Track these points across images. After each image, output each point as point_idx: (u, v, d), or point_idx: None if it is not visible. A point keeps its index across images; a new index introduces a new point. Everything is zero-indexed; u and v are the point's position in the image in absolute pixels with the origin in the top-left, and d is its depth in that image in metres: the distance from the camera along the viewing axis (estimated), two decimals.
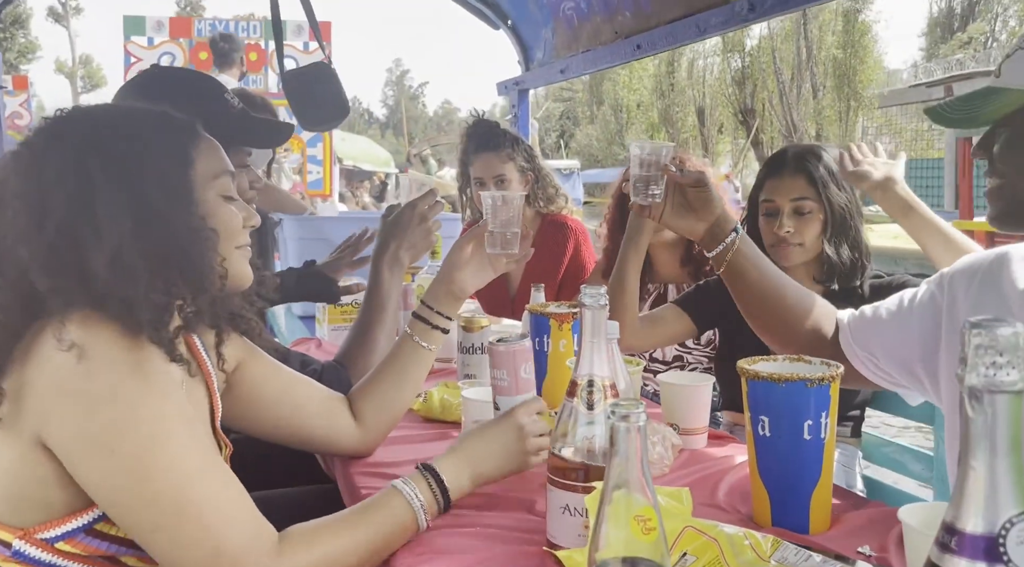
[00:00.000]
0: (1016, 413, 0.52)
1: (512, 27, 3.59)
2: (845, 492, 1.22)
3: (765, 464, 1.07)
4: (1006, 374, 0.52)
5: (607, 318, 0.99)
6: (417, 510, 1.02)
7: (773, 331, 1.34)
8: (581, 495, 0.94)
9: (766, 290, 1.30)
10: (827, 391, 1.04)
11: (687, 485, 1.21)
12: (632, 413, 0.68)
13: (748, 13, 2.20)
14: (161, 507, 0.87)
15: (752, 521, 1.10)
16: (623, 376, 1.29)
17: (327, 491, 1.42)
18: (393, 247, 1.64)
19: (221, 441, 1.14)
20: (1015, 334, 0.52)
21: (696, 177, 1.29)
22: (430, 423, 1.57)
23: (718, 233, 1.29)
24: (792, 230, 1.78)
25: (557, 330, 1.55)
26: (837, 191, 1.78)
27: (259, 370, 1.23)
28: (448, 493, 1.07)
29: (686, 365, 2.19)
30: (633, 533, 0.65)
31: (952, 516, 0.54)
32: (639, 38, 2.73)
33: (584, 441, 0.97)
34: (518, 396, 1.25)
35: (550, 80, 3.54)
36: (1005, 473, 0.53)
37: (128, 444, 0.86)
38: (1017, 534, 0.52)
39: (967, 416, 0.54)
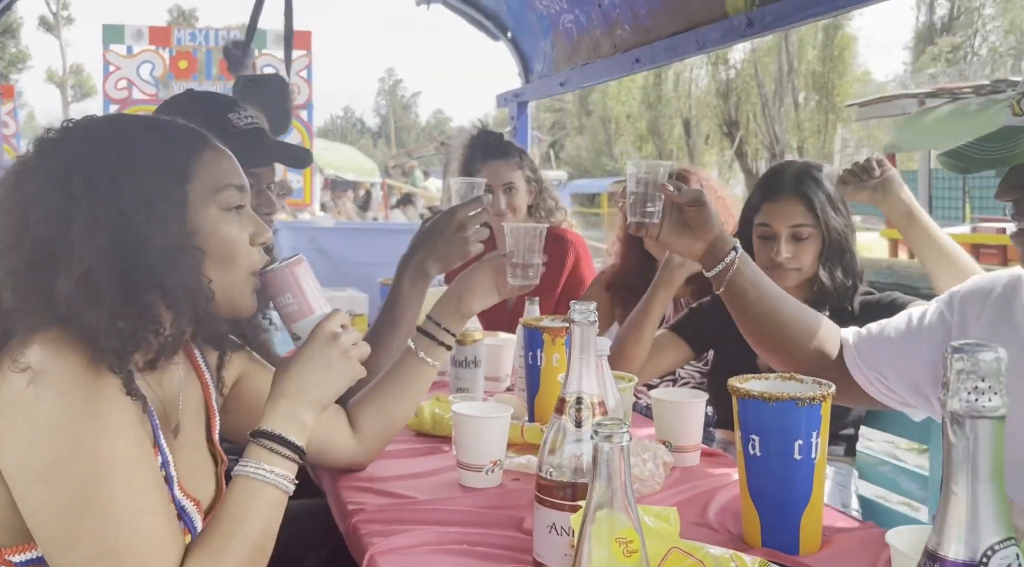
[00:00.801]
0: (998, 439, 0.52)
1: (512, 39, 3.60)
2: (836, 513, 1.20)
3: (755, 484, 1.06)
4: (988, 399, 0.51)
5: (596, 334, 0.99)
6: (278, 483, 0.96)
7: (774, 351, 1.31)
8: (568, 514, 0.93)
9: (767, 310, 1.27)
10: (818, 411, 1.03)
11: (678, 503, 1.20)
12: (615, 433, 0.68)
13: (747, 28, 2.21)
14: (86, 549, 0.84)
15: (742, 541, 1.09)
16: (612, 393, 1.28)
17: (318, 506, 1.41)
18: (420, 256, 1.52)
19: (218, 456, 1.12)
20: (997, 359, 0.51)
21: (694, 196, 1.27)
22: (421, 437, 1.56)
23: (717, 252, 1.27)
24: (790, 256, 1.75)
25: (551, 344, 1.54)
26: (835, 215, 1.76)
27: (258, 382, 1.20)
28: (293, 443, 0.98)
29: (678, 379, 2.18)
30: (615, 555, 0.65)
31: (934, 543, 0.54)
32: (638, 52, 2.74)
33: (572, 459, 0.97)
34: (312, 316, 1.08)
35: (550, 92, 3.55)
36: (987, 499, 0.52)
37: (66, 481, 0.84)
38: (998, 562, 0.51)
39: (949, 441, 0.53)
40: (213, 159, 1.01)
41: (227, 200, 1.00)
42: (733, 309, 1.31)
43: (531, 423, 1.52)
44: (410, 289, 1.51)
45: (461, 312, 1.35)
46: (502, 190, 2.51)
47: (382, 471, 1.34)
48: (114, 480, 0.86)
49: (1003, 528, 0.52)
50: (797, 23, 2.12)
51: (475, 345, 1.77)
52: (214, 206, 0.98)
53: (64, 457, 0.84)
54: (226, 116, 1.58)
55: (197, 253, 0.95)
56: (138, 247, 0.91)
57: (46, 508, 0.84)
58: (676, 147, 27.14)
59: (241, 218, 1.02)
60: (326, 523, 1.34)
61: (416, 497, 1.23)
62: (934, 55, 27.88)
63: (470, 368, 1.77)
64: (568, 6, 3.06)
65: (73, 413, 0.85)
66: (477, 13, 3.59)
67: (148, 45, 7.71)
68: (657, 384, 2.14)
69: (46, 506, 0.84)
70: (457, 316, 1.35)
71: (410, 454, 1.46)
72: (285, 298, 1.08)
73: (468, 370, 1.77)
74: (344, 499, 1.23)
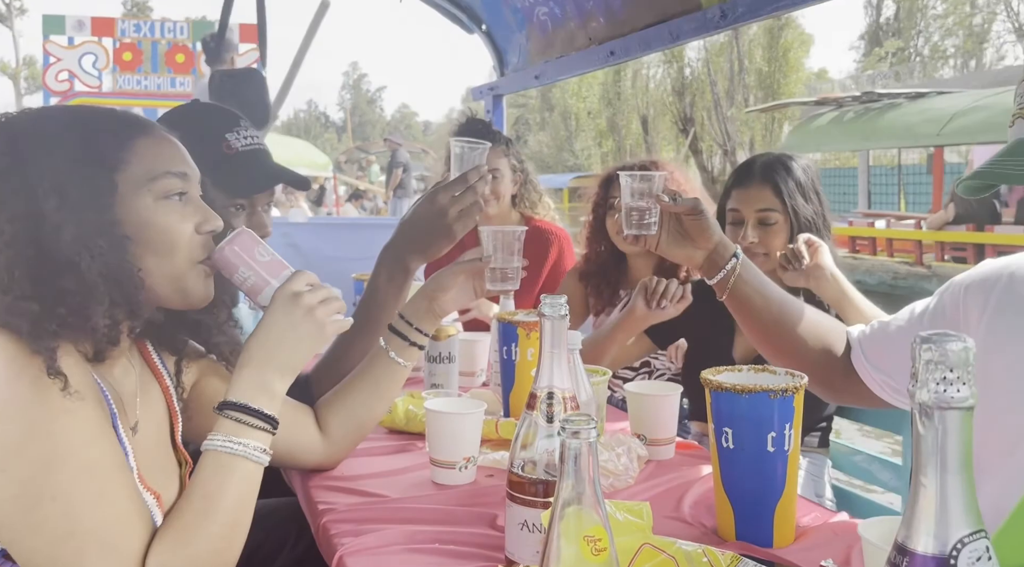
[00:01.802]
0: (967, 430, 0.51)
1: (487, 32, 3.57)
2: (810, 504, 1.20)
3: (729, 477, 1.06)
4: (956, 390, 0.51)
5: (567, 328, 0.97)
6: (250, 455, 0.94)
7: (781, 353, 1.27)
8: (540, 511, 0.92)
9: (772, 315, 1.25)
10: (791, 402, 1.03)
11: (652, 497, 1.20)
12: (583, 429, 0.66)
13: (720, 20, 2.21)
14: (44, 535, 0.82)
15: (716, 535, 1.08)
16: (585, 388, 1.27)
17: (291, 503, 1.39)
18: (399, 248, 1.43)
19: (181, 457, 1.10)
20: (965, 349, 0.51)
21: (691, 205, 1.25)
22: (394, 434, 1.54)
23: (717, 260, 1.25)
24: (756, 240, 1.77)
25: (525, 338, 1.53)
26: (804, 203, 1.76)
27: (217, 384, 1.18)
28: (262, 411, 0.96)
29: (653, 371, 2.18)
30: (583, 554, 0.63)
31: (903, 536, 0.53)
32: (613, 44, 2.73)
33: (544, 455, 0.95)
34: (272, 283, 1.03)
35: (525, 86, 3.53)
36: (956, 491, 0.51)
37: (19, 465, 0.82)
38: (968, 555, 0.51)
39: (918, 433, 0.52)
40: (149, 147, 0.98)
41: (164, 188, 0.97)
42: (738, 316, 1.29)
43: (506, 418, 1.51)
44: (387, 284, 1.42)
45: (434, 312, 1.31)
46: None
47: (353, 469, 1.32)
48: (71, 462, 0.84)
49: (972, 521, 0.51)
50: (770, 14, 2.12)
51: (449, 340, 1.76)
52: (149, 195, 0.96)
53: (17, 439, 0.82)
54: (223, 136, 1.50)
55: (121, 241, 0.92)
56: (49, 235, 0.88)
57: (2, 495, 0.82)
58: (635, 143, 27.71)
59: (184, 206, 0.99)
60: (299, 521, 1.32)
61: (388, 495, 1.21)
62: (880, 56, 28.96)
63: (444, 363, 1.75)
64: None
65: (23, 398, 0.82)
66: (451, 6, 3.56)
67: (90, 36, 7.52)
68: (632, 377, 2.14)
69: (2, 492, 0.82)
70: (430, 316, 1.31)
71: (383, 452, 1.44)
72: (240, 274, 1.03)
73: (442, 366, 1.75)
74: (314, 498, 1.21)
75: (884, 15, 31.11)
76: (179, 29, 7.70)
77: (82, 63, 7.44)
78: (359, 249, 2.71)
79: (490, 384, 1.83)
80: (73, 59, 7.39)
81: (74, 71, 7.42)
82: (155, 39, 7.63)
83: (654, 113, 28.10)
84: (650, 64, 27.53)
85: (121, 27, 7.66)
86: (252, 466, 0.94)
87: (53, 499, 0.82)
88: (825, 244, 1.68)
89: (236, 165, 1.49)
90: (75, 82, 7.40)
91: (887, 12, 30.95)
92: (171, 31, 7.70)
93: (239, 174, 1.50)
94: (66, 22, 7.44)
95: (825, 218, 1.80)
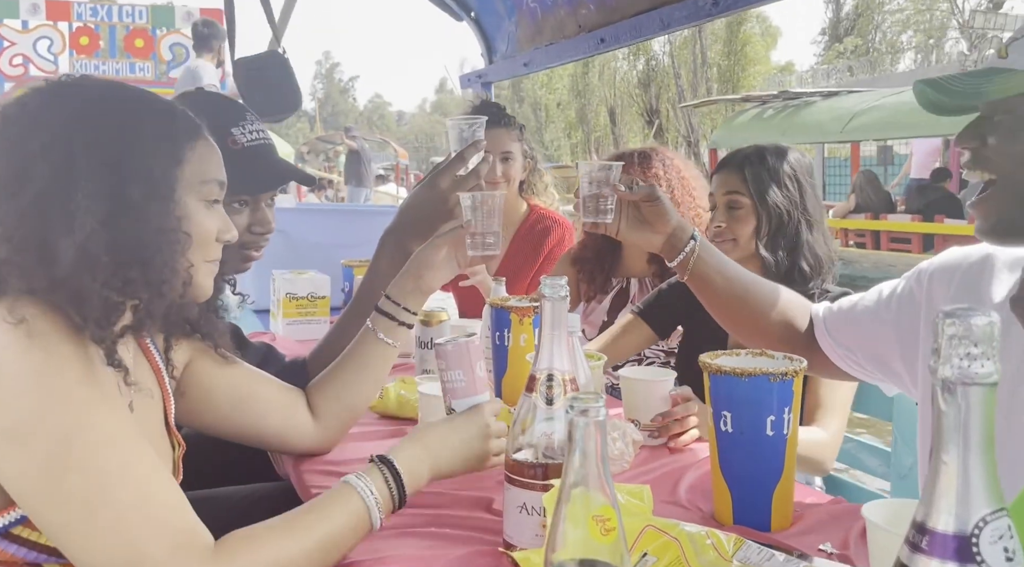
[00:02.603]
0: (990, 406, 0.50)
1: (475, 19, 3.54)
2: (806, 489, 1.20)
3: (727, 460, 1.05)
4: (980, 366, 0.50)
5: (567, 310, 0.96)
6: (371, 507, 0.95)
7: (743, 328, 1.33)
8: (539, 493, 0.91)
9: (733, 292, 1.29)
10: (790, 386, 1.02)
11: (648, 482, 1.18)
12: (591, 407, 0.65)
13: (712, 8, 2.19)
14: (75, 507, 0.80)
15: (714, 519, 1.08)
16: (584, 370, 1.26)
17: (285, 488, 1.37)
18: (400, 233, 1.43)
19: (175, 440, 1.08)
20: (990, 324, 0.50)
21: (647, 192, 1.28)
22: (386, 420, 1.52)
23: (676, 243, 1.29)
24: (723, 225, 1.77)
25: (518, 324, 1.52)
26: (776, 190, 1.73)
27: (209, 366, 1.17)
28: (404, 487, 1.00)
29: (643, 358, 2.18)
30: (591, 534, 0.62)
31: (923, 514, 0.52)
32: (603, 31, 2.71)
33: (543, 437, 0.94)
34: (476, 396, 1.16)
35: (514, 73, 3.51)
36: (978, 469, 0.50)
37: (43, 435, 0.80)
38: (990, 533, 0.50)
39: (940, 409, 0.51)
40: (205, 151, 1.01)
41: (208, 193, 1.00)
42: (700, 295, 1.33)
43: None
44: (388, 269, 1.41)
45: (421, 289, 1.30)
46: (500, 158, 2.47)
47: (346, 454, 1.31)
48: (96, 432, 0.82)
49: (995, 499, 0.50)
50: (760, 2, 2.11)
51: (441, 326, 1.74)
52: (195, 196, 0.98)
53: (41, 408, 0.80)
54: (229, 131, 1.45)
55: (183, 237, 0.94)
56: (134, 220, 0.89)
57: (28, 465, 0.80)
58: (603, 134, 28.56)
59: (214, 213, 1.02)
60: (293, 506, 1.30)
61: None
62: (839, 51, 29.83)
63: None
64: None
65: (48, 368, 0.81)
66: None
67: (45, 20, 7.24)
68: (623, 363, 2.14)
69: (27, 463, 0.80)
70: (417, 294, 1.30)
71: (375, 437, 1.42)
72: (454, 374, 1.16)
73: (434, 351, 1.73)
74: (307, 483, 1.20)
75: (844, 10, 31.87)
76: (138, 14, 7.48)
77: (37, 47, 7.20)
78: (348, 236, 2.68)
79: None
80: (28, 43, 7.15)
81: (28, 56, 7.19)
82: (113, 23, 7.44)
83: (621, 105, 28.84)
84: (617, 57, 28.24)
85: (77, 11, 7.36)
86: (363, 520, 0.96)
87: (81, 468, 0.80)
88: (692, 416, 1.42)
89: (242, 161, 1.42)
90: (30, 67, 7.16)
91: (847, 7, 31.76)
92: (130, 15, 7.49)
93: (245, 171, 1.43)
94: (20, 5, 7.15)
95: (806, 209, 1.76)
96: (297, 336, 2.17)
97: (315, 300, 2.22)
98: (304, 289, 2.22)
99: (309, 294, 2.20)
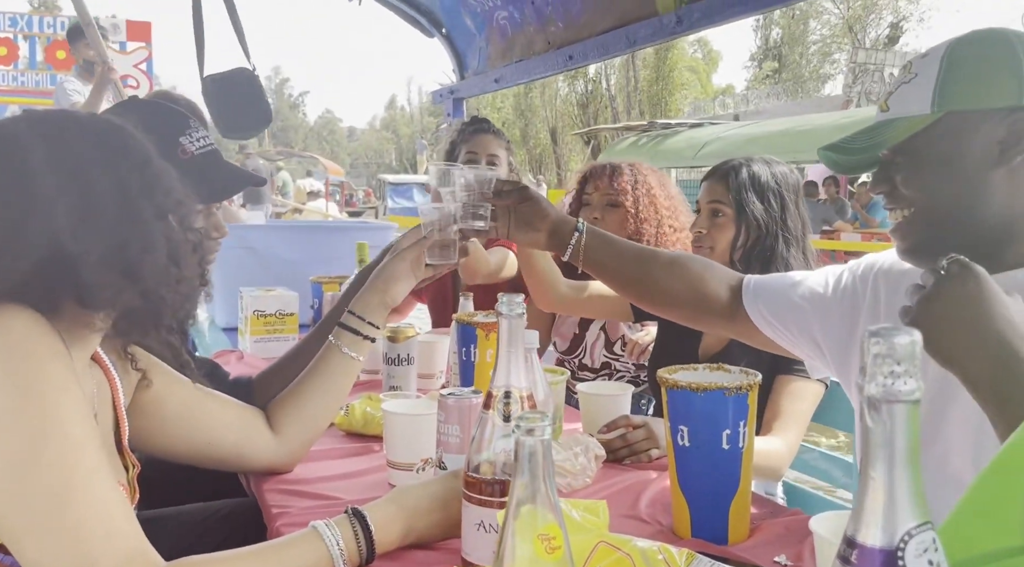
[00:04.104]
0: (913, 423, 0.52)
1: (447, 35, 3.57)
2: (764, 500, 1.22)
3: (684, 474, 1.07)
4: (903, 383, 0.51)
5: (524, 327, 0.97)
6: (336, 557, 0.94)
7: (653, 304, 1.36)
8: (496, 511, 0.91)
9: (633, 272, 1.33)
10: (745, 400, 1.04)
11: (609, 496, 1.20)
12: (537, 426, 0.66)
13: (676, 26, 2.24)
14: (38, 506, 0.79)
15: (673, 533, 1.09)
16: (542, 387, 1.27)
17: (251, 505, 1.36)
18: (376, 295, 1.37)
19: (129, 461, 1.07)
20: (912, 342, 0.51)
21: (519, 195, 1.32)
22: (351, 437, 1.52)
23: (562, 236, 1.32)
24: (704, 231, 1.79)
25: (484, 339, 1.52)
26: (757, 202, 1.74)
27: (160, 385, 1.16)
28: (374, 544, 0.98)
29: (614, 373, 2.19)
30: (537, 552, 0.63)
31: (852, 529, 0.53)
32: (571, 49, 2.75)
33: (501, 454, 0.94)
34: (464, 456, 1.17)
35: (484, 89, 3.53)
36: (903, 484, 0.52)
37: (14, 432, 0.79)
38: (915, 547, 0.51)
39: (867, 426, 0.53)
40: (164, 165, 1.01)
41: None
42: (601, 279, 1.38)
43: None
44: None
45: (386, 303, 1.32)
46: (486, 161, 2.50)
47: (309, 472, 1.30)
48: (68, 433, 0.82)
49: (920, 512, 0.52)
50: (725, 21, 2.15)
51: (408, 342, 1.74)
52: None
53: (13, 406, 0.80)
54: (176, 140, 1.43)
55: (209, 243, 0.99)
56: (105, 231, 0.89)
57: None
58: (545, 153, 29.82)
59: None
60: (259, 522, 1.29)
61: (343, 498, 1.20)
62: (761, 77, 32.16)
63: (403, 365, 1.74)
64: (502, 3, 3.05)
65: (21, 367, 0.81)
66: (411, 9, 3.55)
67: None
68: (593, 378, 2.15)
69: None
70: (382, 308, 1.32)
71: (339, 455, 1.42)
72: (452, 428, 1.14)
73: (401, 367, 1.74)
74: (268, 501, 1.19)
75: (771, 38, 33.85)
76: (60, 25, 7.32)
77: None
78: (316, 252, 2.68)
79: (449, 385, 1.82)
80: None
81: None
82: (34, 34, 7.29)
83: (562, 125, 30.16)
84: (558, 78, 29.46)
85: None
86: (328, 564, 0.94)
87: (49, 467, 0.80)
88: None
89: (195, 170, 1.40)
90: None
91: (774, 34, 33.71)
92: (51, 26, 7.35)
93: (199, 180, 1.41)
94: None
95: (786, 225, 1.75)
96: (265, 354, 2.16)
97: (283, 317, 2.21)
98: (272, 306, 2.21)
99: (277, 311, 2.20)
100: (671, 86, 28.78)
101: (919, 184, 1.06)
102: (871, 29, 29.97)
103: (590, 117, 28.57)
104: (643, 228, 2.11)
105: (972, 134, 1.02)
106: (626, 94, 28.71)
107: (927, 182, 1.05)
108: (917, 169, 1.06)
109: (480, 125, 2.63)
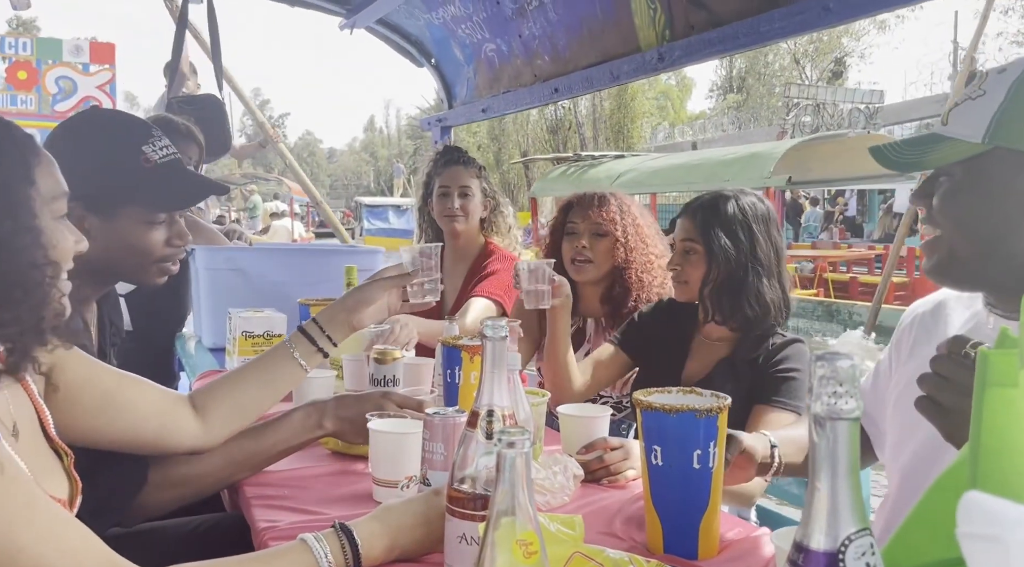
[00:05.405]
0: (854, 438, 0.58)
1: (435, 66, 3.66)
2: (733, 519, 1.27)
3: (657, 492, 1.12)
4: (845, 402, 0.57)
5: (507, 349, 1.02)
6: (321, 561, 0.97)
7: None
8: (478, 524, 0.96)
9: None
10: (715, 422, 1.10)
11: (587, 514, 1.24)
12: (518, 440, 0.71)
13: (658, 63, 2.32)
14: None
15: (646, 549, 1.14)
16: (523, 406, 1.31)
17: (237, 519, 1.38)
18: None
19: (60, 449, 1.05)
20: (852, 366, 0.57)
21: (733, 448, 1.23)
22: (336, 456, 1.56)
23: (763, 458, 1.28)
24: (679, 268, 1.83)
25: (469, 362, 1.57)
26: (723, 237, 1.75)
27: (74, 372, 1.13)
28: (360, 559, 1.01)
29: (598, 397, 2.24)
30: (515, 557, 0.68)
31: (801, 535, 0.59)
32: (557, 82, 2.83)
33: (484, 470, 0.99)
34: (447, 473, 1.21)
35: (472, 118, 3.62)
36: (845, 493, 0.58)
37: None
38: (855, 550, 0.57)
39: (813, 441, 0.59)
40: (46, 163, 1.00)
41: (59, 208, 1.00)
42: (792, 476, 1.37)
43: None
44: None
45: (351, 323, 1.34)
46: (457, 193, 2.59)
47: (296, 489, 1.34)
48: None
49: (859, 519, 0.58)
50: (704, 59, 2.24)
51: (394, 363, 1.79)
52: (50, 215, 0.98)
53: None
54: (139, 149, 1.43)
55: (53, 267, 0.93)
56: (4, 258, 0.88)
57: None
58: (517, 177, 30.97)
59: (65, 226, 1.02)
60: (244, 535, 1.32)
61: (328, 513, 1.24)
62: (724, 107, 34.19)
63: (389, 386, 1.78)
64: (490, 36, 3.14)
65: None
66: (402, 40, 3.63)
67: None
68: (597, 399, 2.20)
69: None
70: (345, 326, 1.34)
71: (326, 473, 1.46)
72: (436, 445, 1.18)
73: (387, 389, 1.78)
74: (255, 516, 1.23)
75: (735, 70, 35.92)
76: (22, 46, 7.36)
77: None
78: (305, 274, 2.72)
79: None
80: None
81: None
82: None
83: (534, 150, 31.40)
84: None
85: None
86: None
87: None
88: None
89: (157, 179, 1.43)
90: None
91: (737, 66, 35.78)
92: (12, 47, 7.39)
93: (162, 189, 1.44)
94: None
95: (756, 256, 1.74)
96: None
97: (271, 338, 2.25)
98: (260, 327, 2.25)
99: (265, 332, 2.23)
100: (632, 114, 30.71)
101: (950, 213, 1.04)
102: (817, 63, 32.11)
103: (560, 142, 29.94)
104: (631, 257, 2.18)
105: (1016, 175, 0.97)
106: (592, 121, 30.53)
107: (960, 214, 1.03)
108: (954, 196, 1.03)
109: (451, 156, 2.72)
